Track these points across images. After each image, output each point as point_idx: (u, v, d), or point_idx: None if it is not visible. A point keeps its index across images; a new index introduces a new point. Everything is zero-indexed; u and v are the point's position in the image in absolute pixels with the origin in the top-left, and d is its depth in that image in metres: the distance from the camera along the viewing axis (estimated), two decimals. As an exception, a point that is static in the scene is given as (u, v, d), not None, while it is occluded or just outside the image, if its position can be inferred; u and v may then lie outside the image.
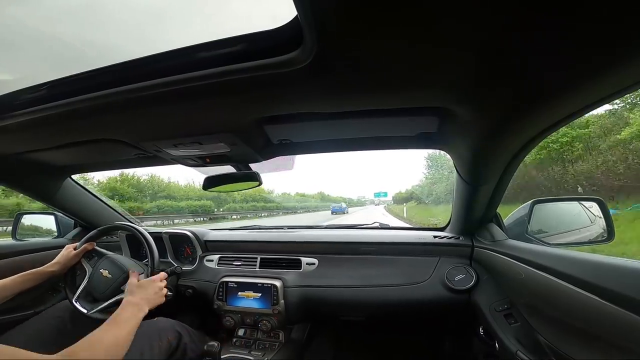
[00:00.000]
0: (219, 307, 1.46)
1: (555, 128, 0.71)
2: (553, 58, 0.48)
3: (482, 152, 0.87)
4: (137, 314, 0.96)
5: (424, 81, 0.60)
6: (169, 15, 0.66)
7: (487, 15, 0.41)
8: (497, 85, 0.57)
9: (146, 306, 1.02)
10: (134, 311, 0.96)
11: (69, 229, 1.83)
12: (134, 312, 0.95)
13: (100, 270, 1.31)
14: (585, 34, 0.42)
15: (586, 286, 0.65)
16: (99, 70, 0.65)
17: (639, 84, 0.52)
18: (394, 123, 0.89)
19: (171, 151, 1.03)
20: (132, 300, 1.01)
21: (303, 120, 0.84)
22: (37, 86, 0.72)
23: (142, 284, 1.09)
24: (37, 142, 1.03)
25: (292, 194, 60.61)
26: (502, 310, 1.06)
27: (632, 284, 0.56)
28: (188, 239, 1.72)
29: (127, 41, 0.69)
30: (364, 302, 1.36)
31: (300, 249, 1.56)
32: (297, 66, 0.53)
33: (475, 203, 1.18)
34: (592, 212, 1.20)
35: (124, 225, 1.50)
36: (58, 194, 1.52)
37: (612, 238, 1.07)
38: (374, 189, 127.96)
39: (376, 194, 73.73)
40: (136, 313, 0.96)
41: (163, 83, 0.62)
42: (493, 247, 1.18)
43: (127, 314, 0.93)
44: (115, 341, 0.82)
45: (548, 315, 0.83)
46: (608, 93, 0.56)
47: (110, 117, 0.80)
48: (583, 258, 0.72)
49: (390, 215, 19.75)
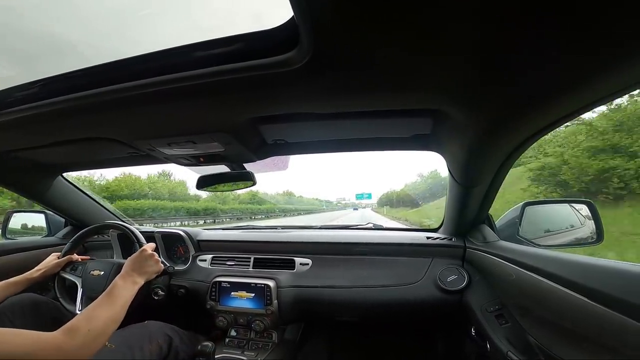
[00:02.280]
0: (211, 307, 1.45)
1: (547, 131, 0.72)
2: (545, 61, 0.49)
3: (475, 153, 0.87)
4: (130, 286, 0.98)
5: (419, 83, 0.61)
6: (165, 14, 0.66)
7: (480, 20, 0.42)
8: (491, 87, 0.58)
9: (139, 277, 1.04)
10: (127, 284, 0.98)
11: (60, 227, 1.81)
12: (127, 285, 0.97)
13: (90, 273, 1.30)
14: (577, 37, 0.43)
15: (575, 287, 0.66)
16: (93, 68, 0.65)
17: (632, 87, 0.53)
18: (388, 124, 0.89)
19: (165, 150, 1.03)
20: (123, 273, 1.02)
21: (298, 120, 0.84)
22: (29, 84, 0.71)
23: (131, 257, 1.11)
24: (29, 140, 1.02)
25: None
26: (494, 311, 1.07)
27: (618, 285, 0.57)
28: (181, 239, 1.70)
29: (122, 39, 0.69)
30: (358, 302, 1.36)
31: (294, 249, 1.55)
32: (293, 67, 0.53)
33: (468, 204, 1.19)
34: (582, 215, 1.22)
35: (116, 224, 1.48)
36: (49, 192, 1.50)
37: (601, 240, 1.09)
38: (356, 189, 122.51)
39: (358, 196, 69.45)
40: (129, 286, 0.98)
41: (158, 82, 0.61)
42: (485, 248, 1.19)
43: (119, 287, 0.95)
44: (112, 315, 0.85)
45: (538, 316, 0.84)
46: (600, 96, 0.57)
47: (104, 116, 0.79)
48: (572, 259, 0.74)
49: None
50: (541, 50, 0.46)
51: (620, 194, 6.43)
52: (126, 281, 0.99)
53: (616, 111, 7.15)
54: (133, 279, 1.01)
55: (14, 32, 0.71)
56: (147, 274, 1.09)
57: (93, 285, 1.27)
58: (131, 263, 1.08)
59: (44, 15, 0.68)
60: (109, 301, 0.89)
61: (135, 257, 1.10)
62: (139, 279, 1.03)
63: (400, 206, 29.23)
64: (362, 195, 66.81)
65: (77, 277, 1.33)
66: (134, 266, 1.07)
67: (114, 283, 0.96)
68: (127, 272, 1.03)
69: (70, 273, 1.35)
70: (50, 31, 0.72)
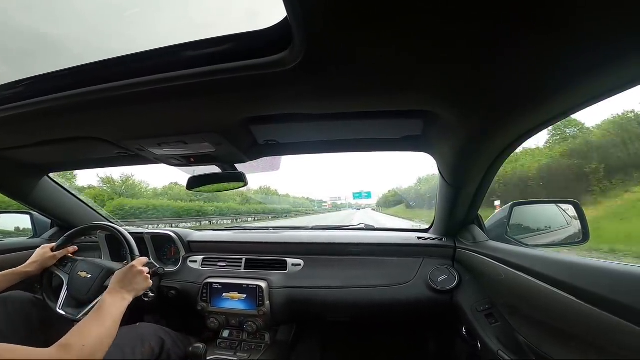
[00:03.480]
0: (203, 309, 1.44)
1: (536, 131, 0.73)
2: (535, 63, 0.50)
3: (466, 154, 0.89)
4: (119, 303, 0.95)
5: (410, 85, 0.61)
6: (157, 13, 0.65)
7: (471, 22, 0.42)
8: (481, 89, 0.59)
9: (128, 294, 1.01)
10: (115, 300, 0.95)
11: (46, 229, 1.77)
12: (115, 302, 0.95)
13: (78, 273, 1.28)
14: (566, 39, 0.44)
15: (562, 286, 0.67)
16: (81, 67, 0.64)
17: (619, 88, 0.54)
18: (379, 125, 0.90)
19: (155, 150, 1.01)
20: (112, 289, 1.00)
21: (290, 121, 0.84)
22: (15, 82, 0.70)
23: (120, 272, 1.08)
24: (15, 139, 1.00)
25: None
26: (484, 310, 1.08)
27: (605, 284, 0.58)
28: (171, 240, 1.68)
29: (111, 37, 0.68)
30: (349, 302, 1.37)
31: (286, 250, 1.55)
32: (286, 67, 0.53)
33: (458, 205, 1.20)
34: (568, 214, 1.24)
35: (104, 225, 1.46)
36: (34, 193, 1.47)
37: (587, 240, 1.11)
38: (353, 188, 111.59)
39: (356, 195, 61.83)
40: (118, 302, 0.95)
41: (148, 81, 0.61)
42: (474, 248, 1.21)
43: (108, 304, 0.93)
44: (103, 331, 0.83)
45: (527, 315, 0.86)
46: (588, 97, 0.58)
47: (92, 115, 0.77)
48: (559, 259, 0.75)
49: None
50: (530, 52, 0.47)
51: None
52: (115, 298, 0.97)
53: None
54: (122, 296, 0.99)
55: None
56: (136, 290, 1.06)
57: (78, 286, 1.25)
58: (119, 279, 1.05)
59: (31, 12, 0.67)
60: (99, 318, 0.87)
61: (124, 273, 1.07)
62: (128, 296, 1.00)
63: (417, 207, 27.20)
64: (360, 194, 60.10)
65: (65, 274, 1.31)
66: (123, 283, 1.04)
67: (103, 299, 0.94)
68: (115, 289, 1.01)
69: (60, 269, 1.33)
70: (36, 28, 0.70)
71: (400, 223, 15.96)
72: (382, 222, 16.76)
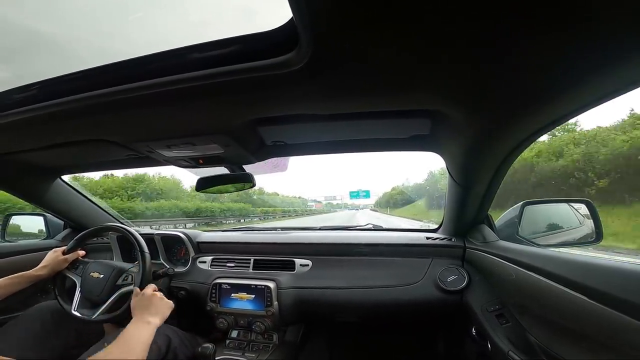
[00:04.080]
0: (212, 309, 1.45)
1: (545, 131, 0.72)
2: (544, 62, 0.49)
3: (474, 153, 0.88)
4: (144, 327, 0.94)
5: (418, 85, 0.61)
6: (163, 16, 0.66)
7: (479, 22, 0.42)
8: (489, 88, 0.58)
9: (152, 318, 0.99)
10: (139, 326, 0.94)
11: (59, 230, 1.80)
12: (139, 327, 0.93)
13: (90, 274, 1.30)
14: (575, 38, 0.44)
15: (575, 286, 0.66)
16: (91, 70, 0.65)
17: (629, 87, 0.54)
18: (387, 125, 0.89)
19: (164, 152, 1.03)
20: (134, 318, 0.98)
21: (297, 121, 0.84)
22: (28, 86, 0.71)
23: (135, 300, 1.06)
24: (27, 142, 1.02)
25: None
26: (494, 311, 1.07)
27: (618, 284, 0.58)
28: (180, 241, 1.70)
29: (120, 41, 0.69)
30: (358, 303, 1.36)
31: (294, 251, 1.55)
32: (292, 68, 0.53)
33: (467, 204, 1.19)
34: (580, 214, 1.22)
35: (115, 227, 1.48)
36: (48, 195, 1.50)
37: (601, 239, 1.09)
38: (351, 187, 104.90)
39: (352, 194, 55.47)
40: (143, 327, 0.93)
41: (156, 84, 0.61)
42: (484, 248, 1.19)
43: (132, 330, 0.91)
44: (132, 357, 0.81)
45: (538, 315, 0.84)
46: (597, 96, 0.57)
47: (102, 118, 0.79)
48: (571, 258, 0.74)
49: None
50: (539, 51, 0.47)
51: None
52: (137, 324, 0.94)
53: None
54: (145, 320, 0.96)
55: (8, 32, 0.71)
56: (160, 313, 1.02)
57: (91, 287, 1.27)
58: (137, 306, 1.03)
59: (40, 16, 0.68)
60: (123, 345, 0.84)
61: (138, 300, 1.05)
62: (153, 319, 0.97)
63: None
64: (358, 193, 54.27)
65: (77, 277, 1.33)
66: (142, 308, 1.01)
67: (125, 329, 0.92)
68: (137, 316, 0.98)
69: (71, 271, 1.36)
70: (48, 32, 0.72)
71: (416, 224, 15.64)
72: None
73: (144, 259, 1.30)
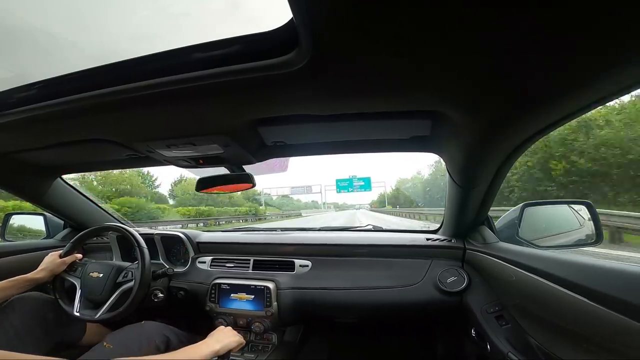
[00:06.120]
0: (211, 309, 1.45)
1: (546, 132, 0.72)
2: (544, 63, 0.49)
3: (475, 154, 0.88)
4: (200, 347, 0.92)
5: (418, 86, 0.61)
6: (164, 16, 0.66)
7: (479, 24, 0.42)
8: (490, 89, 0.58)
9: (214, 343, 0.97)
10: (197, 346, 0.93)
11: (58, 229, 1.80)
12: (196, 346, 0.92)
13: (89, 274, 1.30)
14: (576, 39, 0.44)
15: (575, 288, 0.66)
16: (92, 70, 0.65)
17: (630, 87, 0.54)
18: (387, 126, 0.89)
19: (164, 152, 1.03)
20: (207, 339, 0.98)
21: (297, 122, 0.84)
22: (28, 85, 0.71)
23: (218, 330, 1.05)
24: (28, 141, 1.02)
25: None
26: (494, 312, 1.07)
27: (618, 286, 0.57)
28: (180, 241, 1.70)
29: (121, 41, 0.69)
30: (357, 304, 1.36)
31: (294, 251, 1.55)
32: (293, 68, 0.53)
33: (467, 206, 1.19)
34: (581, 215, 1.22)
35: (115, 226, 1.48)
36: (47, 195, 1.50)
37: (601, 241, 1.09)
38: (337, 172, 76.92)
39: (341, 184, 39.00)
40: (200, 347, 0.92)
41: (157, 84, 0.61)
42: (484, 250, 1.19)
43: (193, 348, 0.91)
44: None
45: (538, 317, 0.84)
46: (598, 97, 0.57)
47: (103, 118, 0.79)
48: (572, 260, 0.74)
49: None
50: (540, 53, 0.47)
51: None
52: (201, 345, 0.93)
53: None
54: (206, 343, 0.95)
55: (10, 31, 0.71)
56: (223, 343, 0.98)
57: (92, 287, 1.27)
58: (211, 336, 1.01)
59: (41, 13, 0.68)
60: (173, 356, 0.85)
61: (216, 332, 1.04)
62: (214, 343, 0.96)
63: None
64: (351, 182, 37.18)
65: (77, 278, 1.33)
66: (212, 336, 1.01)
67: (190, 346, 0.91)
68: (205, 341, 0.97)
69: (70, 274, 1.36)
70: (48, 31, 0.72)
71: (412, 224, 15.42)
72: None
73: (142, 256, 1.30)
